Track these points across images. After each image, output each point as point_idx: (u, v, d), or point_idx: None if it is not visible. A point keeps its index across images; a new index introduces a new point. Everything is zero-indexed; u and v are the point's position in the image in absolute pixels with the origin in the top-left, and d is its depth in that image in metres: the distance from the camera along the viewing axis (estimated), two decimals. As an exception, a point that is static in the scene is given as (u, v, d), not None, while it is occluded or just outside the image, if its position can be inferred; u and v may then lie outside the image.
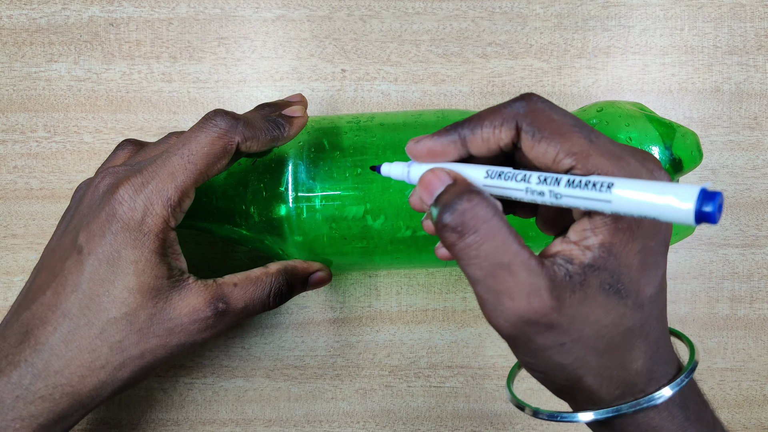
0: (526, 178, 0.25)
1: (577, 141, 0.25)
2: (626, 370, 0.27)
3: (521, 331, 0.26)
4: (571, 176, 0.24)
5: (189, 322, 0.32)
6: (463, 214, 0.25)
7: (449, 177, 0.27)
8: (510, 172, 0.26)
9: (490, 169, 0.27)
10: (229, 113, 0.32)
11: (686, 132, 0.36)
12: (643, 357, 0.27)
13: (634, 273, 0.26)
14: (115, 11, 0.43)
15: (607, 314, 0.26)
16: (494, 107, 0.27)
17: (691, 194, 0.20)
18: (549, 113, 0.26)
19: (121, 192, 0.30)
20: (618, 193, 0.22)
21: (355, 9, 0.44)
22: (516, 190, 0.26)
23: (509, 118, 0.26)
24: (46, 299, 0.31)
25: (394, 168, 0.30)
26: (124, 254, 0.30)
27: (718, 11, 0.44)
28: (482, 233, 0.25)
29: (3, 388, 0.30)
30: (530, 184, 0.25)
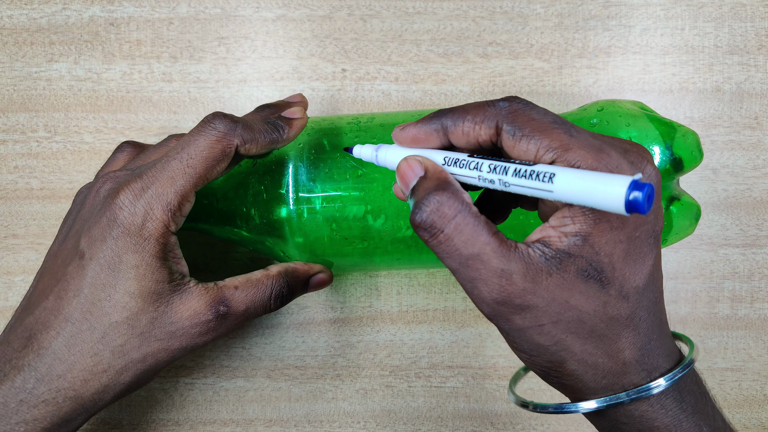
0: (479, 167, 0.26)
1: (557, 136, 0.26)
2: (613, 359, 0.27)
3: (499, 312, 0.27)
4: (518, 165, 0.25)
5: (190, 326, 0.32)
6: (431, 214, 0.26)
7: (421, 167, 0.28)
8: (464, 160, 0.27)
9: (447, 156, 0.28)
10: (228, 116, 0.32)
11: (687, 131, 0.36)
12: (632, 348, 0.27)
13: (617, 263, 0.26)
14: (116, 11, 0.43)
15: (587, 301, 0.26)
16: (478, 103, 0.28)
17: (622, 184, 0.21)
18: (529, 113, 0.27)
19: (121, 197, 0.30)
20: (558, 183, 0.23)
21: (356, 8, 0.44)
22: (470, 177, 0.27)
23: (490, 116, 0.27)
24: (49, 304, 0.31)
25: (364, 150, 0.32)
26: (125, 259, 0.30)
27: (719, 11, 0.44)
28: (451, 229, 0.26)
29: (7, 393, 0.30)
30: (482, 172, 0.26)
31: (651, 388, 0.27)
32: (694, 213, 0.36)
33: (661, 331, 0.28)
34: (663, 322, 0.29)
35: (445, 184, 0.27)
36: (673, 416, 0.28)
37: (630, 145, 0.27)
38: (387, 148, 0.31)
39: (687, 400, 0.28)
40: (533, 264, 0.26)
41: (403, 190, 0.28)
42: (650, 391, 0.27)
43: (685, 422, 0.28)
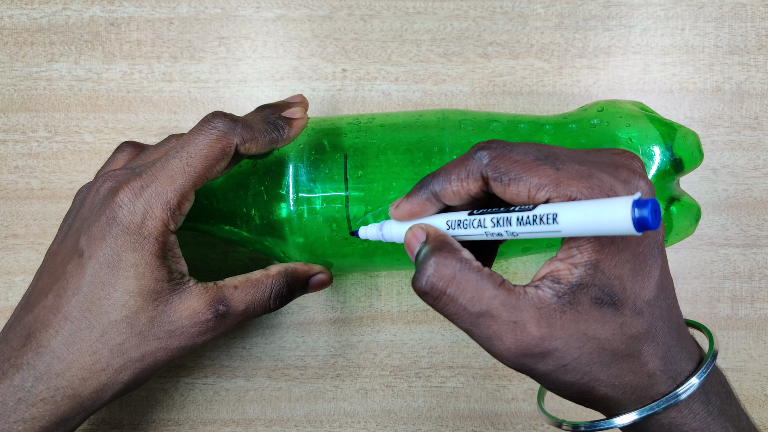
0: (482, 223, 0.26)
1: (544, 172, 0.25)
2: (639, 374, 0.27)
3: (521, 363, 0.27)
4: (520, 213, 0.25)
5: (189, 325, 0.32)
6: (430, 277, 0.26)
7: (424, 233, 0.28)
8: (467, 220, 0.27)
9: (449, 220, 0.28)
10: (228, 115, 0.32)
11: (687, 132, 0.36)
12: (654, 359, 0.27)
13: (627, 282, 0.26)
14: (116, 11, 0.43)
15: (604, 327, 0.26)
16: (458, 160, 0.28)
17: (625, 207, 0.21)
18: (510, 155, 0.26)
19: (121, 196, 0.30)
20: (563, 221, 0.23)
21: (356, 8, 0.44)
22: (477, 235, 0.27)
23: (474, 170, 0.27)
24: (48, 302, 0.31)
25: (369, 230, 0.32)
26: (125, 258, 0.30)
27: (719, 11, 0.44)
28: (453, 290, 0.26)
29: (5, 391, 0.30)
30: (487, 228, 0.26)
31: (679, 394, 0.27)
32: (694, 214, 0.36)
33: (679, 335, 0.28)
34: (680, 324, 0.29)
35: (442, 244, 0.27)
36: (701, 420, 0.28)
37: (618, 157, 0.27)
38: (391, 224, 0.31)
39: (713, 402, 0.28)
40: (545, 306, 0.25)
41: (412, 260, 0.29)
42: (679, 397, 0.27)
43: (712, 425, 0.28)
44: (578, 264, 0.25)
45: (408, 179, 0.35)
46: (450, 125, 0.36)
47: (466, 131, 0.36)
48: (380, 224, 0.31)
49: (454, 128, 0.36)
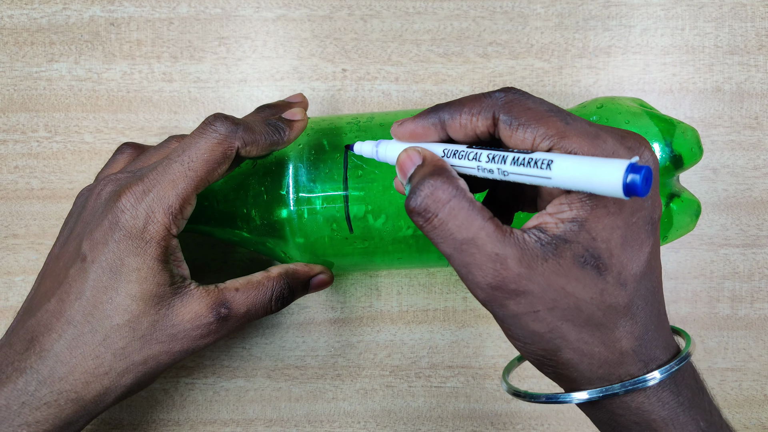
0: (477, 156, 0.27)
1: (553, 124, 0.26)
2: (609, 348, 0.27)
3: (493, 297, 0.26)
4: (516, 154, 0.25)
5: (191, 328, 0.32)
6: (426, 198, 0.26)
7: (420, 156, 0.28)
8: (464, 151, 0.27)
9: (446, 148, 0.28)
10: (229, 118, 0.32)
11: (686, 128, 0.36)
12: (629, 337, 0.27)
13: (615, 249, 0.26)
14: (116, 11, 0.43)
15: (584, 288, 0.26)
16: (475, 95, 0.28)
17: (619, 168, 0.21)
18: (525, 102, 0.26)
19: (123, 200, 0.31)
20: (556, 169, 0.23)
21: (356, 8, 0.44)
22: (469, 168, 0.27)
23: (487, 107, 0.27)
24: (51, 306, 0.31)
25: (365, 146, 0.32)
26: (127, 262, 0.30)
27: (719, 11, 0.44)
28: (444, 214, 0.26)
29: (9, 395, 0.30)
30: (480, 162, 0.26)
31: (647, 380, 0.27)
32: (694, 210, 0.36)
33: (659, 322, 0.28)
34: (662, 313, 0.28)
35: (441, 170, 0.27)
36: (669, 409, 0.27)
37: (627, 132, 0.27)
38: (387, 144, 0.31)
39: (684, 393, 0.28)
40: (529, 249, 0.25)
41: (402, 180, 0.29)
42: (646, 382, 0.27)
43: (681, 415, 0.28)
44: (565, 219, 0.25)
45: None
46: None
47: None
48: (377, 142, 0.31)
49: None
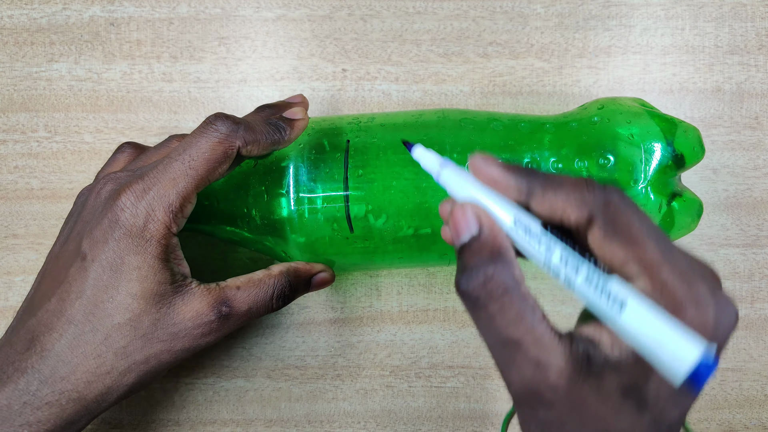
0: (550, 248, 0.24)
1: (651, 251, 0.23)
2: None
3: (524, 399, 0.25)
4: (592, 270, 0.23)
5: (193, 327, 0.32)
6: (478, 287, 0.25)
7: (477, 224, 0.26)
8: (537, 234, 0.25)
9: (519, 220, 0.25)
10: (230, 117, 0.32)
11: (688, 127, 0.36)
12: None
13: (663, 393, 0.24)
14: (116, 11, 0.43)
15: (617, 419, 0.24)
16: (576, 181, 0.25)
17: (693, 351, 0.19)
18: (629, 214, 0.24)
19: (123, 199, 0.31)
20: (626, 318, 0.22)
21: (356, 8, 0.44)
22: (533, 252, 0.25)
23: (587, 201, 0.25)
24: (51, 306, 0.31)
25: (426, 157, 0.29)
26: (127, 260, 0.30)
27: (719, 11, 0.44)
28: (495, 308, 0.24)
29: (10, 395, 0.30)
30: (551, 256, 0.24)
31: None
32: (696, 209, 0.36)
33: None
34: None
35: (499, 255, 0.25)
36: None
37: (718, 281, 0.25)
38: (454, 171, 0.28)
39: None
40: (575, 363, 0.24)
41: (453, 239, 0.27)
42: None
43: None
44: (623, 346, 0.23)
45: (409, 178, 0.35)
46: (450, 124, 0.36)
47: (467, 130, 0.36)
48: (443, 160, 0.28)
49: (455, 127, 0.36)
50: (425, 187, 0.35)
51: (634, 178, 0.35)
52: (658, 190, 0.35)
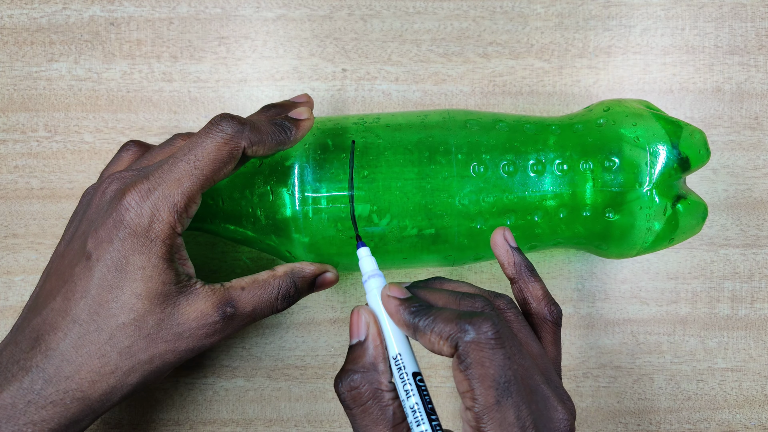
0: (408, 394, 0.28)
1: (485, 394, 0.26)
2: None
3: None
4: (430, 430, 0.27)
5: (197, 327, 0.32)
6: (347, 390, 0.29)
7: (365, 330, 0.30)
8: (406, 375, 0.29)
9: (399, 358, 0.29)
10: (236, 118, 0.32)
11: (694, 130, 0.36)
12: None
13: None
14: (116, 11, 0.43)
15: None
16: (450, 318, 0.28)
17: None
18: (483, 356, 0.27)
19: (128, 198, 0.30)
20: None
21: (356, 8, 0.44)
22: (400, 389, 0.29)
23: (453, 338, 0.27)
24: (56, 305, 0.31)
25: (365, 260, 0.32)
26: (132, 260, 0.30)
27: (719, 11, 0.44)
28: (356, 413, 0.29)
29: (15, 393, 0.30)
30: (408, 399, 0.28)
31: None
32: (701, 212, 0.36)
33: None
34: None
35: (372, 365, 0.29)
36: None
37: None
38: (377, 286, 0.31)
39: None
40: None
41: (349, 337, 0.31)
42: None
43: None
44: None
45: (412, 178, 0.35)
46: (455, 125, 0.37)
47: (472, 131, 0.36)
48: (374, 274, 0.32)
49: (460, 128, 0.36)
50: (429, 188, 0.35)
51: (639, 180, 0.35)
52: (663, 193, 0.35)
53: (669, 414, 0.45)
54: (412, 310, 0.29)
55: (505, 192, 0.35)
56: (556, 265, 0.45)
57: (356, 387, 0.29)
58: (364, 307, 0.31)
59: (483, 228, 0.36)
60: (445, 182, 0.35)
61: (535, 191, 0.35)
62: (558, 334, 0.32)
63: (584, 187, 0.36)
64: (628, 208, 0.35)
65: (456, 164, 0.35)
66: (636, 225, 0.35)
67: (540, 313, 0.32)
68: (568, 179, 0.36)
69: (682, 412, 0.45)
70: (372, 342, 0.30)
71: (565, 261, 0.45)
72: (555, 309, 0.32)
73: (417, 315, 0.29)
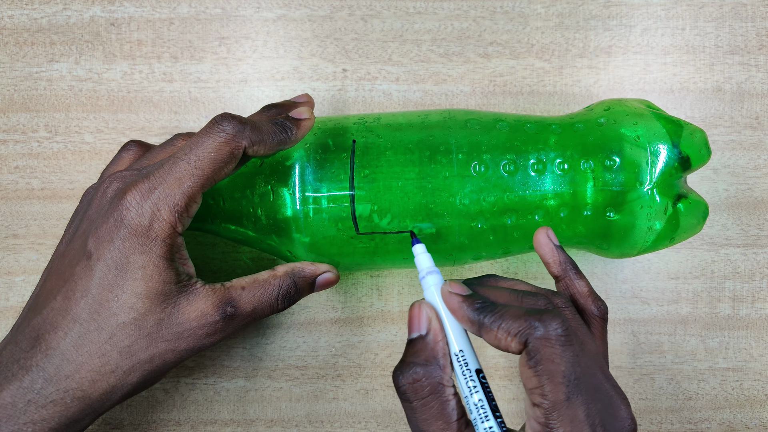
0: (471, 391, 0.28)
1: (556, 391, 0.27)
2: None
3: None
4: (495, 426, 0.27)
5: (197, 327, 0.32)
6: (409, 383, 0.28)
7: (426, 324, 0.30)
8: (470, 372, 0.29)
9: (462, 355, 0.29)
10: (236, 117, 0.32)
11: (694, 129, 0.36)
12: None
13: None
14: (116, 11, 0.43)
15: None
16: (518, 315, 0.28)
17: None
18: (554, 353, 0.27)
19: (128, 198, 0.30)
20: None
21: (356, 9, 0.44)
22: (464, 385, 0.29)
23: (523, 334, 0.28)
24: (57, 304, 0.31)
25: (422, 256, 0.32)
26: (133, 260, 0.30)
27: (720, 11, 0.44)
28: (416, 406, 0.28)
29: (15, 392, 0.30)
30: (472, 395, 0.28)
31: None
32: (701, 211, 0.36)
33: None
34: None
35: (434, 359, 0.29)
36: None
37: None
38: (435, 283, 0.31)
39: None
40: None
41: (407, 330, 0.30)
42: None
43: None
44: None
45: (413, 178, 0.35)
46: (456, 125, 0.37)
47: (472, 130, 0.36)
48: (431, 270, 0.32)
49: (460, 128, 0.36)
50: (430, 188, 0.35)
51: (639, 179, 0.35)
52: (664, 192, 0.35)
53: (670, 414, 0.45)
54: (477, 306, 0.29)
55: (505, 191, 0.35)
56: (557, 265, 0.45)
57: (419, 380, 0.28)
58: (424, 302, 0.31)
59: (484, 227, 0.36)
60: (445, 182, 0.35)
61: (536, 191, 0.35)
62: (605, 330, 0.33)
63: (585, 186, 0.36)
64: (628, 207, 0.35)
65: (457, 164, 0.35)
66: (637, 224, 0.35)
67: (587, 309, 0.32)
68: (568, 178, 0.36)
69: (683, 411, 0.45)
70: (435, 337, 0.30)
71: (566, 261, 0.45)
72: (602, 305, 0.32)
73: (482, 312, 0.29)
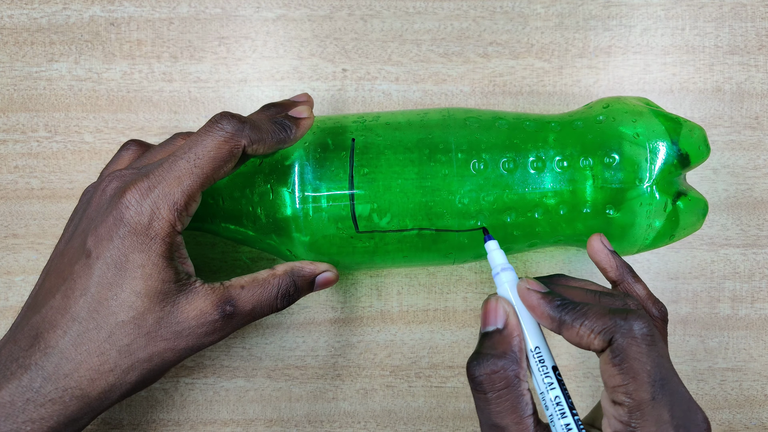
0: (548, 388, 0.29)
1: (642, 390, 0.26)
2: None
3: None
4: (573, 423, 0.27)
5: (197, 326, 0.32)
6: (486, 375, 0.28)
7: (504, 319, 0.30)
8: (546, 368, 0.29)
9: (538, 351, 0.30)
10: (236, 116, 0.32)
11: (693, 126, 0.36)
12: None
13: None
14: (116, 11, 0.43)
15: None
16: (602, 313, 0.28)
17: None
18: (639, 351, 0.27)
19: (128, 196, 0.30)
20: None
21: (356, 8, 0.44)
22: (540, 381, 0.29)
23: (607, 332, 0.28)
24: (56, 303, 0.31)
25: (495, 253, 0.32)
26: (132, 258, 0.30)
27: (719, 11, 0.44)
28: (493, 396, 0.28)
29: (14, 391, 0.30)
30: (549, 391, 0.28)
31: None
32: (701, 209, 0.36)
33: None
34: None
35: (511, 353, 0.29)
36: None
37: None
38: (510, 279, 0.31)
39: None
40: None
41: (481, 323, 0.31)
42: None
43: None
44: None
45: (412, 177, 0.35)
46: (455, 123, 0.37)
47: (472, 129, 0.36)
48: (505, 266, 0.32)
49: (460, 126, 0.36)
50: (429, 187, 0.35)
51: (639, 177, 0.35)
52: (663, 189, 0.35)
53: (670, 414, 0.45)
54: (557, 304, 0.29)
55: (505, 189, 0.35)
56: (556, 264, 0.45)
57: (497, 371, 0.28)
58: (500, 297, 0.31)
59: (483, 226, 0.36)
60: (445, 180, 0.35)
61: (536, 188, 0.35)
62: (666, 332, 0.33)
63: (584, 184, 0.36)
64: (628, 205, 0.35)
65: (456, 162, 0.35)
66: (636, 222, 0.35)
67: (648, 311, 0.32)
68: (568, 176, 0.35)
69: (682, 412, 0.45)
70: (511, 331, 0.30)
71: (566, 261, 0.45)
72: (662, 307, 0.32)
73: (563, 309, 0.29)
